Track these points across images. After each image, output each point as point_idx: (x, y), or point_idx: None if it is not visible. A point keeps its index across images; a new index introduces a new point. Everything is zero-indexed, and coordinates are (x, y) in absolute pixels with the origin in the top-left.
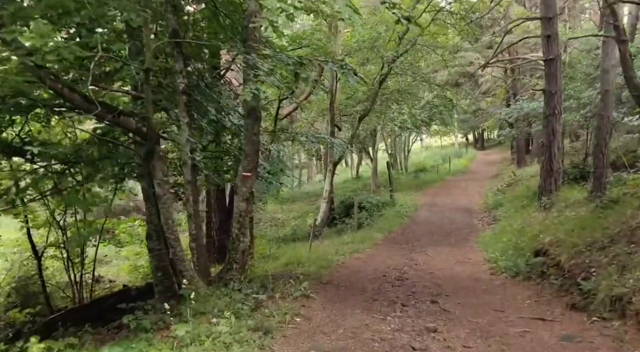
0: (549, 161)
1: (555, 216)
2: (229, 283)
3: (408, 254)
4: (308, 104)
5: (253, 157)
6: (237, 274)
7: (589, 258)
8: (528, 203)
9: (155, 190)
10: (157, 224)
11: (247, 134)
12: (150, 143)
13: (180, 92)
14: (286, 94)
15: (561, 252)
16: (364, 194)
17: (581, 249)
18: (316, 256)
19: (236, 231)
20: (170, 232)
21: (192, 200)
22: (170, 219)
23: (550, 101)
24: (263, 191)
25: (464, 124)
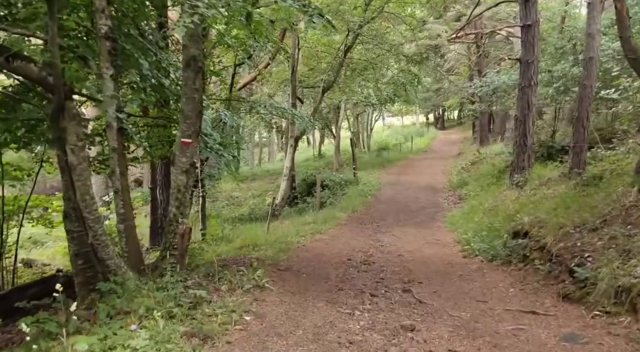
0: (522, 136)
1: (530, 194)
2: (165, 273)
3: (373, 234)
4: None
5: (194, 120)
6: (175, 262)
7: (580, 241)
8: (494, 181)
9: (68, 158)
10: (75, 200)
11: (186, 90)
12: (57, 97)
13: (102, 36)
14: (243, 59)
15: (545, 234)
16: (326, 172)
17: (569, 231)
18: (274, 237)
19: (174, 210)
20: (88, 211)
21: (118, 172)
22: (88, 195)
23: (526, 71)
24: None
25: (426, 103)
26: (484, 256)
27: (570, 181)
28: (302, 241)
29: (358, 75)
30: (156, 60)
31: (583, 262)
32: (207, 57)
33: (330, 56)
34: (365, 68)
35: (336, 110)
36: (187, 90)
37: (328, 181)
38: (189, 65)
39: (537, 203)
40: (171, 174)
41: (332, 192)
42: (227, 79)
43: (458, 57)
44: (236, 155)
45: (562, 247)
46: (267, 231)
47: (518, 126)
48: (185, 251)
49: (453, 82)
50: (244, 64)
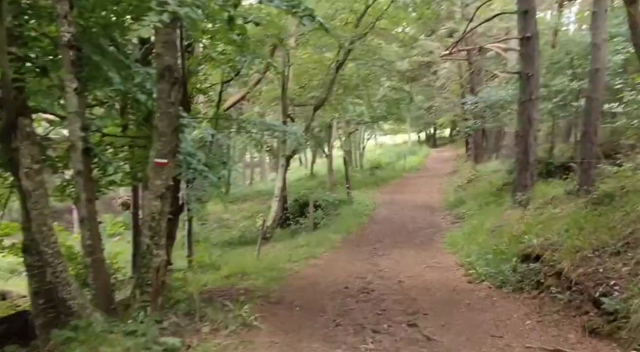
0: (524, 153)
1: (536, 213)
2: (138, 314)
3: (371, 258)
4: (258, 94)
5: (170, 138)
6: (149, 300)
7: (602, 266)
8: (493, 200)
9: (22, 183)
10: None
11: (160, 104)
12: (7, 113)
13: (64, 44)
14: (230, 75)
15: (561, 258)
16: (319, 191)
17: (587, 255)
18: (265, 264)
19: (147, 240)
20: (46, 244)
21: (84, 198)
22: (46, 225)
23: (526, 85)
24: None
25: (418, 121)
26: (491, 282)
27: (578, 199)
28: (295, 267)
29: (350, 92)
30: (130, 74)
31: (609, 291)
32: (193, 74)
33: (322, 73)
34: (358, 85)
35: (328, 129)
36: (162, 104)
37: (321, 200)
38: (163, 76)
39: (546, 223)
40: (144, 199)
41: (325, 212)
42: (214, 97)
43: (449, 75)
44: (222, 176)
45: (582, 274)
46: (258, 256)
47: (519, 142)
48: (161, 286)
49: (445, 99)
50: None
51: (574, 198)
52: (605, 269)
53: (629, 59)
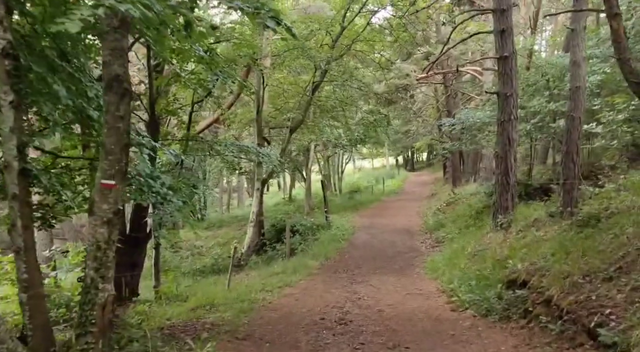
0: (504, 174)
1: (519, 236)
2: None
3: (349, 285)
4: (233, 116)
5: (118, 156)
6: (93, 341)
7: (594, 293)
8: (473, 223)
9: None
10: None
11: (108, 118)
12: None
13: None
14: (202, 95)
15: (549, 284)
16: (297, 216)
17: (577, 281)
18: (236, 294)
19: (92, 273)
20: None
21: (20, 225)
22: None
23: (505, 105)
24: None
25: (395, 145)
26: (475, 310)
27: (562, 221)
28: (268, 297)
29: (327, 115)
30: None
31: (605, 321)
32: (163, 94)
33: (298, 95)
34: (334, 107)
35: (306, 152)
36: (109, 118)
37: (299, 225)
38: (111, 87)
39: (530, 247)
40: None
41: (303, 237)
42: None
43: (425, 99)
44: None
45: (573, 301)
46: (228, 286)
47: (499, 164)
48: (108, 325)
49: (422, 123)
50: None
51: (557, 220)
52: (598, 296)
53: (604, 80)
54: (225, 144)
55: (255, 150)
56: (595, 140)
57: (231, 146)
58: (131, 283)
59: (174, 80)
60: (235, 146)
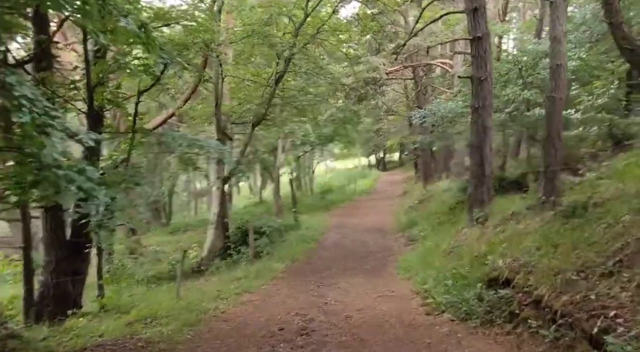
0: (479, 165)
1: (497, 231)
2: None
3: (316, 289)
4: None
5: None
6: None
7: (593, 292)
8: (447, 219)
9: None
10: None
11: None
12: None
13: None
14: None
15: (537, 282)
16: (264, 217)
17: (571, 278)
18: (186, 303)
19: None
20: None
21: None
22: None
23: (479, 91)
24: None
25: (367, 144)
26: (453, 313)
27: (544, 212)
28: (222, 305)
29: (293, 109)
30: None
31: (611, 325)
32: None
33: (262, 88)
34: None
35: (274, 151)
36: None
37: (266, 227)
38: None
39: (511, 242)
40: None
41: (270, 239)
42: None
43: (396, 96)
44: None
45: (568, 302)
46: (177, 294)
47: (473, 154)
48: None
49: (394, 121)
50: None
51: (538, 212)
52: (598, 295)
53: (579, 68)
54: (173, 137)
55: (206, 143)
56: (573, 128)
57: (180, 139)
58: (74, 293)
59: (116, 65)
60: (185, 140)
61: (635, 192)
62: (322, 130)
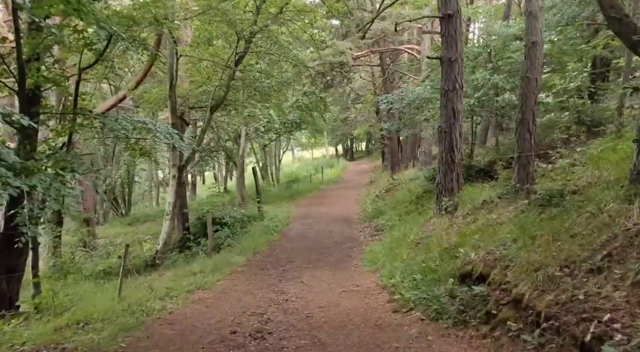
0: (449, 151)
1: (467, 221)
2: None
3: (277, 284)
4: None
5: None
6: None
7: (581, 291)
8: (414, 208)
9: None
10: None
11: None
12: None
13: None
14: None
15: (516, 278)
16: (227, 208)
17: (554, 273)
18: (128, 303)
19: None
20: None
21: None
22: None
23: (449, 72)
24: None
25: (334, 132)
26: (423, 312)
27: (518, 201)
28: (170, 305)
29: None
30: None
31: (606, 331)
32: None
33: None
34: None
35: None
36: None
37: (228, 218)
38: None
39: (484, 232)
40: None
41: (232, 230)
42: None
43: (364, 84)
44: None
45: (553, 302)
46: (119, 294)
47: (443, 139)
48: None
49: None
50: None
51: (511, 200)
52: (587, 295)
53: (549, 51)
54: (116, 119)
55: (159, 129)
56: (542, 114)
57: (125, 122)
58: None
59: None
60: (131, 122)
61: (614, 178)
62: (286, 117)
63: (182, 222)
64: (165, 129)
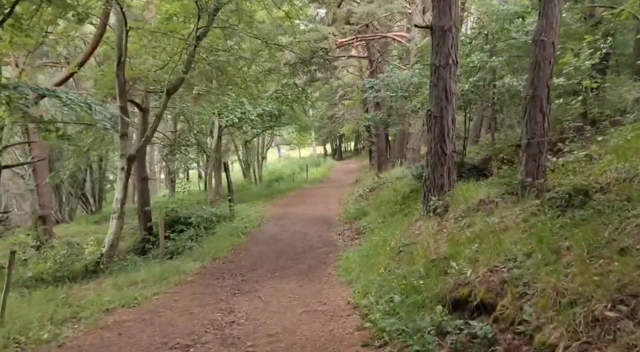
0: (440, 140)
1: (461, 225)
2: None
3: (228, 298)
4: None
5: None
6: None
7: None
8: (399, 209)
9: None
10: None
11: None
12: None
13: None
14: None
15: (539, 315)
16: (195, 206)
17: (603, 312)
18: (8, 331)
19: None
20: None
21: None
22: None
23: (441, 44)
24: None
25: (321, 130)
26: (400, 350)
27: (525, 201)
28: (66, 333)
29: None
30: None
31: None
32: None
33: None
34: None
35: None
36: None
37: (194, 217)
38: None
39: (483, 240)
40: None
41: (196, 232)
42: None
43: (352, 80)
44: None
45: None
46: (1, 317)
47: (432, 126)
48: None
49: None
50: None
51: (516, 201)
52: None
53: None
54: (14, 87)
55: (63, 94)
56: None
57: (26, 89)
58: None
59: None
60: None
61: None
62: (263, 108)
63: (144, 222)
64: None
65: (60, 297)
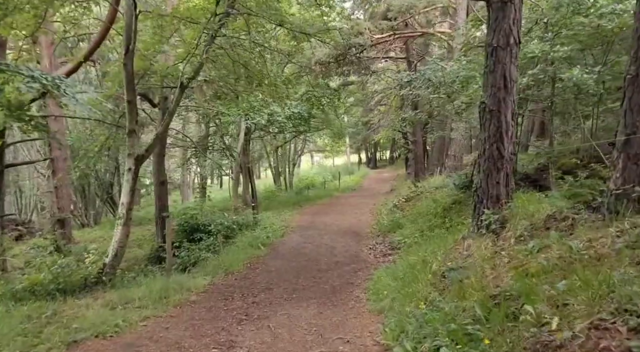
0: (496, 139)
1: (528, 248)
2: None
3: (231, 327)
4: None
5: None
6: None
7: None
8: (439, 223)
9: None
10: None
11: None
12: None
13: None
14: None
15: None
16: (217, 214)
17: None
18: None
19: None
20: None
21: None
22: None
23: (499, 20)
24: None
25: (355, 137)
26: None
27: (620, 219)
28: None
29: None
30: None
31: None
32: None
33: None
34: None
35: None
36: None
37: (213, 225)
38: None
39: (567, 275)
40: None
41: (214, 241)
42: None
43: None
44: None
45: None
46: None
47: (487, 122)
48: None
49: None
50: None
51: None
52: None
53: None
54: None
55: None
56: None
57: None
58: None
59: None
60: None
61: None
62: (291, 110)
63: (161, 229)
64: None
65: (44, 316)
